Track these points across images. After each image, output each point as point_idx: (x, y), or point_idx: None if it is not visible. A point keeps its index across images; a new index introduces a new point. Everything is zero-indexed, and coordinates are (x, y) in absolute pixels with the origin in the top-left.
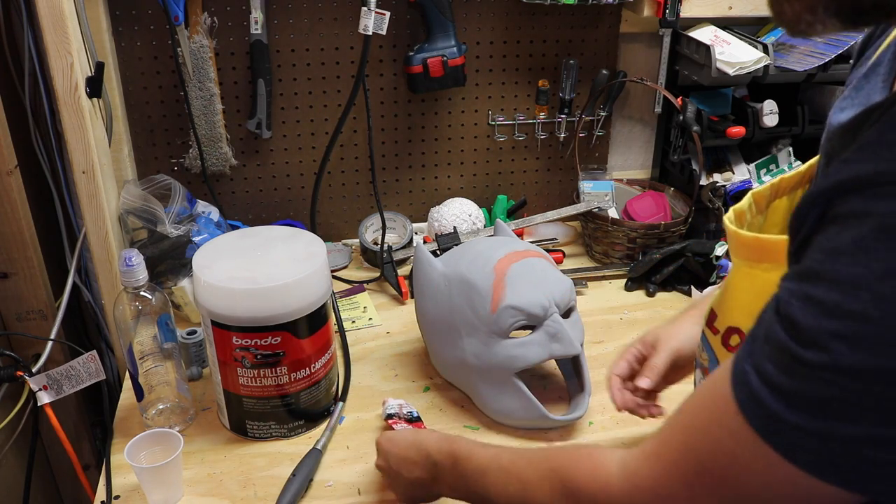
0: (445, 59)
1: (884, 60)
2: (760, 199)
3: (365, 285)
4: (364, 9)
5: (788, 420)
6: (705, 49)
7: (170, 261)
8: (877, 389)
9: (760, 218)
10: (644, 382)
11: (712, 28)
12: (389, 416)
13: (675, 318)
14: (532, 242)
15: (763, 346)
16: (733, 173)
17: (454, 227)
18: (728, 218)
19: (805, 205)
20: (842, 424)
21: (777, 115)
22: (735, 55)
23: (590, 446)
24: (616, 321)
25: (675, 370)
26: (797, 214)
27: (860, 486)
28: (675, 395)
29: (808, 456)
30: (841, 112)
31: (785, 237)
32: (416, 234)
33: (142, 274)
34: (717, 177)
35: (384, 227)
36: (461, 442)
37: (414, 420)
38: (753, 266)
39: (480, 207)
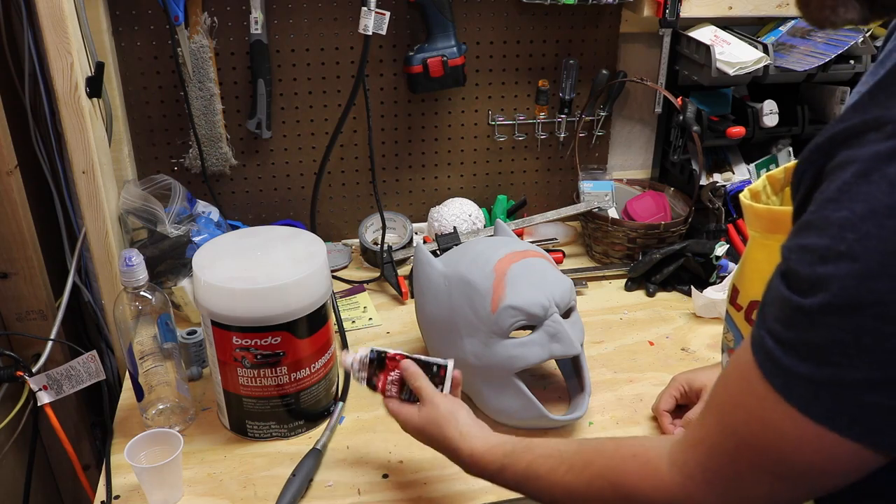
0: (445, 59)
1: None
2: (775, 181)
3: (365, 285)
4: (364, 9)
5: (800, 372)
6: (705, 49)
7: (170, 261)
8: (870, 326)
9: (776, 199)
10: (680, 434)
11: (712, 28)
12: (366, 369)
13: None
14: (532, 242)
15: (770, 308)
16: (733, 173)
17: (454, 227)
18: (744, 195)
19: (803, 162)
20: (845, 370)
21: (777, 115)
22: (735, 55)
23: (631, 443)
24: (616, 321)
25: None
26: (796, 173)
27: (869, 439)
28: None
29: (821, 408)
30: (852, 100)
31: None
32: (416, 234)
33: (142, 274)
34: (717, 177)
35: (384, 227)
36: (487, 455)
37: (384, 362)
38: (768, 237)
39: (480, 207)
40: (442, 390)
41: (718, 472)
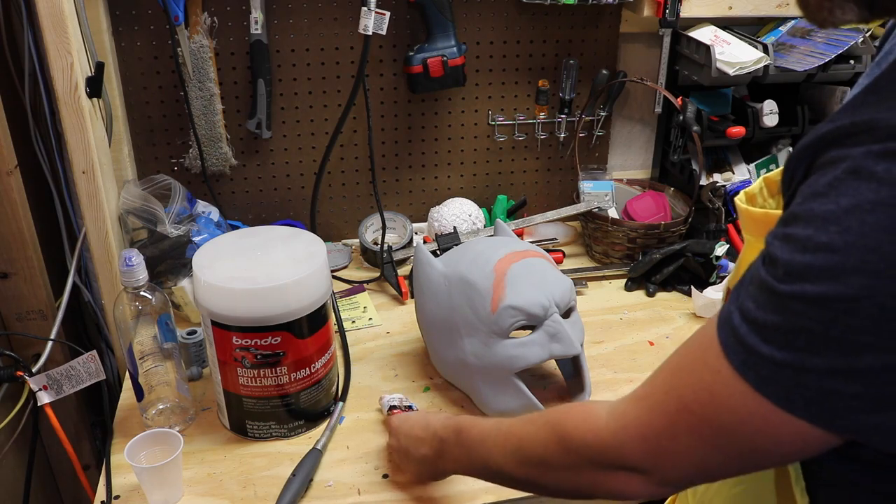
0: (445, 59)
1: (895, 49)
2: (771, 183)
3: (365, 285)
4: (364, 9)
5: (762, 352)
6: (705, 49)
7: (170, 261)
8: (840, 318)
9: (773, 202)
10: None
11: (712, 28)
12: (393, 408)
13: None
14: (532, 242)
15: (748, 287)
16: (733, 173)
17: (454, 227)
18: (739, 198)
19: (792, 160)
20: (809, 356)
21: (777, 115)
22: (735, 55)
23: (587, 401)
24: (616, 321)
25: None
26: (786, 169)
27: (824, 420)
28: None
29: (778, 389)
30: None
31: None
32: (416, 234)
33: (142, 274)
34: (717, 177)
35: (384, 227)
36: (466, 417)
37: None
38: (764, 240)
39: (480, 207)
40: None
41: (654, 427)
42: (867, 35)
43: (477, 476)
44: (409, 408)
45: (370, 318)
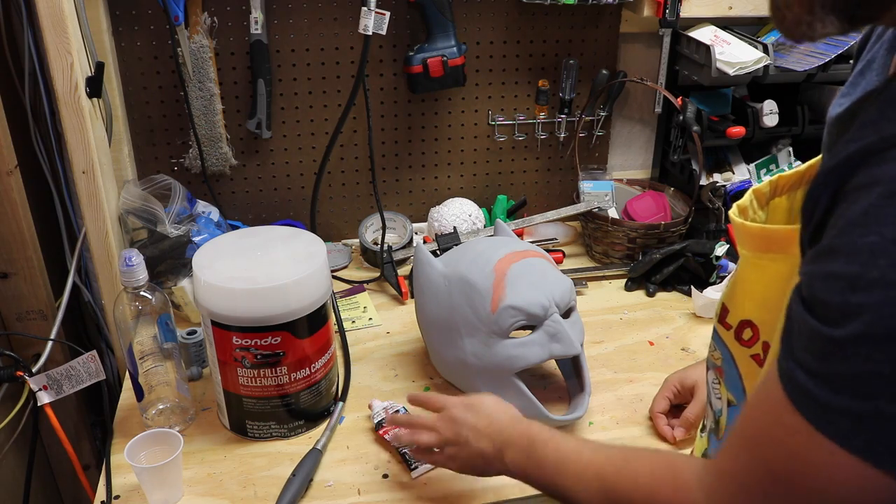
0: (445, 59)
1: (877, 56)
2: (760, 195)
3: (365, 285)
4: (364, 9)
5: (836, 405)
6: (705, 49)
7: (170, 261)
8: None
9: (762, 213)
10: (678, 434)
11: (712, 28)
12: (379, 426)
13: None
14: (532, 242)
15: (798, 338)
16: (733, 173)
17: (454, 227)
18: (732, 212)
19: (816, 186)
20: (883, 402)
21: (777, 115)
22: (735, 55)
23: (670, 457)
24: (616, 321)
25: None
26: (809, 197)
27: None
28: None
29: (861, 441)
30: (838, 107)
31: (789, 227)
32: (416, 234)
33: (142, 274)
34: (717, 177)
35: (384, 227)
36: (537, 426)
37: None
38: (760, 256)
39: (480, 207)
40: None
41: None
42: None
43: (537, 488)
44: (398, 412)
45: (370, 318)
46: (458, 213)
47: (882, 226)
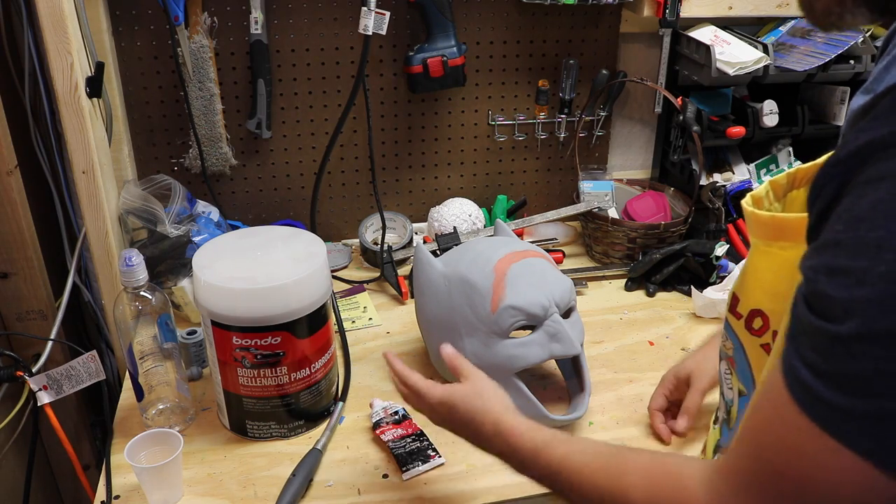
0: (445, 59)
1: None
2: (777, 187)
3: (365, 285)
4: (364, 9)
5: (841, 405)
6: (705, 49)
7: (170, 261)
8: None
9: (778, 205)
10: (681, 426)
11: (712, 28)
12: (377, 425)
13: (703, 347)
14: (532, 242)
15: (801, 337)
16: (733, 173)
17: (454, 227)
18: (746, 202)
19: (822, 176)
20: (888, 400)
21: (777, 115)
22: (735, 55)
23: (667, 460)
24: (616, 321)
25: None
26: (815, 186)
27: None
28: None
29: (865, 441)
30: (860, 100)
31: (800, 215)
32: (416, 234)
33: (142, 274)
34: (717, 177)
35: (384, 227)
36: (519, 437)
37: (402, 420)
38: (771, 244)
39: (480, 207)
40: None
41: (754, 502)
42: (867, 35)
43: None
44: (397, 414)
45: (370, 318)
46: (458, 213)
47: (889, 220)
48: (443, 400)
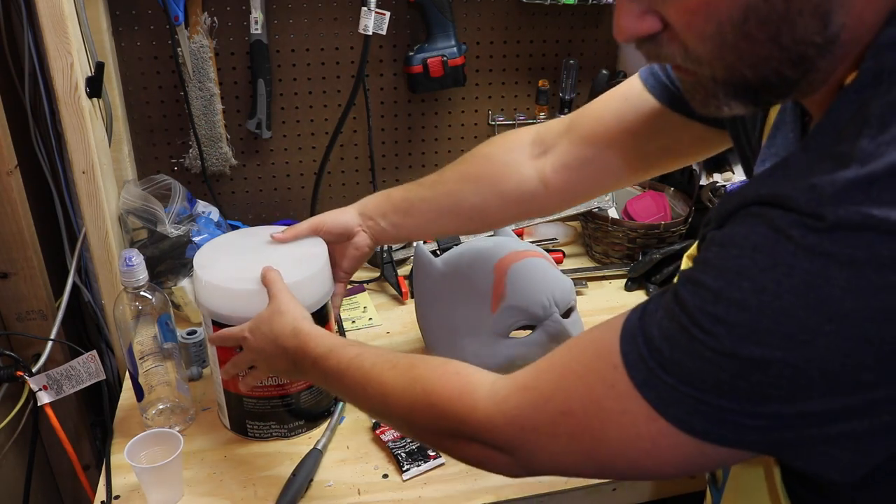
0: (445, 59)
1: (786, 119)
2: None
3: (365, 285)
4: (364, 9)
5: (664, 380)
6: None
7: (170, 261)
8: (749, 374)
9: None
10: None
11: None
12: (377, 425)
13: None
14: (532, 242)
15: (658, 311)
16: (733, 173)
17: None
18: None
19: (724, 203)
20: (714, 397)
21: None
22: None
23: (457, 364)
24: None
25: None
26: (718, 210)
27: (727, 441)
28: None
29: (679, 411)
30: (762, 164)
31: None
32: None
33: (142, 274)
34: (717, 177)
35: None
36: (316, 339)
37: None
38: None
39: None
40: None
41: (533, 422)
42: None
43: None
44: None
45: (370, 318)
46: None
47: (756, 252)
48: (251, 328)
